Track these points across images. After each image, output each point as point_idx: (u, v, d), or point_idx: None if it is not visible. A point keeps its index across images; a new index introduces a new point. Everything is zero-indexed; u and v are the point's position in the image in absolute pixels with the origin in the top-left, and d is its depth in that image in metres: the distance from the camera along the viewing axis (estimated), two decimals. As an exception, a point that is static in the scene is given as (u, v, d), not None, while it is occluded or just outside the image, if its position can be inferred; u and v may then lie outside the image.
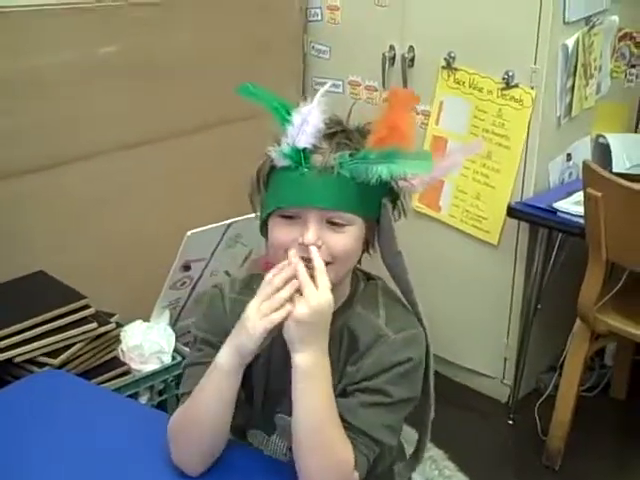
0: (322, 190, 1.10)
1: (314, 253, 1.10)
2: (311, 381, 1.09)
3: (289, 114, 1.12)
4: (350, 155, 1.10)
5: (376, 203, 1.15)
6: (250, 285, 1.23)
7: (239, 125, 2.43)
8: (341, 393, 1.16)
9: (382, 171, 1.09)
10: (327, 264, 1.11)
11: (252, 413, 1.25)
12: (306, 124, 1.10)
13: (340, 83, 2.72)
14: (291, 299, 1.09)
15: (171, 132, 2.39)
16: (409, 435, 1.39)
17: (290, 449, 1.25)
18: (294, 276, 1.09)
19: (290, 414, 1.21)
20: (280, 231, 1.13)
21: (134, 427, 1.28)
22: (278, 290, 1.09)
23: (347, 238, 1.12)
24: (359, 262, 1.21)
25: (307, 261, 1.10)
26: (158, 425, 1.20)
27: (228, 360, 1.12)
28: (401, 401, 1.16)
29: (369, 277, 1.26)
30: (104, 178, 2.27)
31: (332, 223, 1.11)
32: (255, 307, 1.10)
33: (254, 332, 1.09)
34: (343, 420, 1.13)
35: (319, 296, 1.08)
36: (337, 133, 1.12)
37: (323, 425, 1.10)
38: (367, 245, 1.18)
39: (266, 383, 1.23)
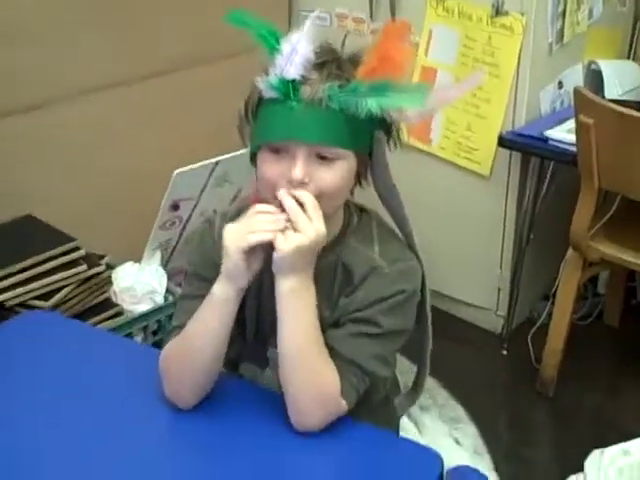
0: (310, 124, 1.07)
1: (301, 194, 1.07)
2: (294, 303, 1.10)
3: (278, 43, 1.08)
4: (340, 87, 1.06)
5: (368, 136, 1.12)
6: (243, 213, 1.22)
7: (225, 62, 2.38)
8: (334, 325, 1.16)
9: (372, 105, 1.06)
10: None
11: (244, 347, 1.25)
12: (295, 53, 1.06)
13: (327, 16, 2.65)
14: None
15: (155, 70, 2.33)
16: (405, 367, 1.39)
17: None
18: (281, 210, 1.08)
19: None
20: (268, 167, 1.10)
21: (127, 364, 1.28)
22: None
23: (336, 173, 1.10)
24: (351, 193, 1.19)
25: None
26: (152, 361, 1.19)
27: (221, 288, 1.11)
28: (392, 332, 1.16)
29: (362, 209, 1.24)
30: (89, 119, 2.23)
31: (321, 157, 1.09)
32: (233, 229, 1.09)
33: (232, 254, 1.08)
34: (331, 349, 1.13)
35: (315, 226, 1.07)
36: (327, 63, 1.09)
37: (305, 347, 1.11)
38: (359, 178, 1.16)
39: (257, 317, 1.23)
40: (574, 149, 2.07)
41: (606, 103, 1.95)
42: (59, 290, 1.89)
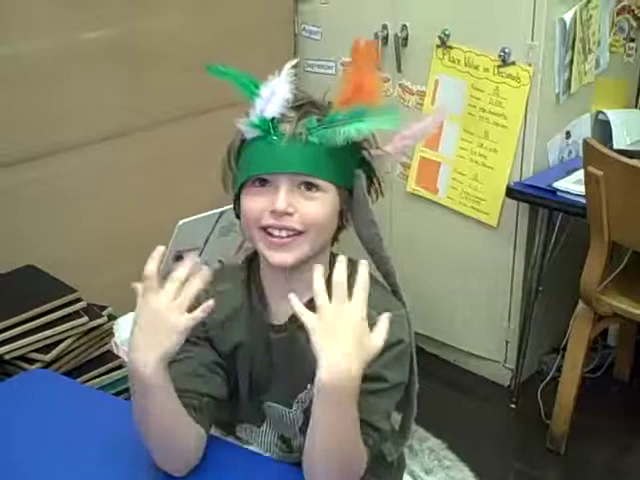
0: (292, 155, 1.09)
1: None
2: (329, 400, 1.01)
3: (257, 88, 1.11)
4: (318, 120, 1.09)
5: (348, 171, 1.13)
6: (224, 273, 1.22)
7: (226, 112, 2.36)
8: None
9: (349, 131, 1.08)
10: (300, 233, 1.09)
11: (239, 406, 1.22)
12: (274, 95, 1.09)
13: (332, 64, 2.66)
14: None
15: (158, 120, 2.34)
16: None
17: (281, 438, 1.23)
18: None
19: (277, 401, 1.19)
20: (251, 200, 1.11)
21: (120, 426, 1.23)
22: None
23: (320, 205, 1.10)
24: (336, 239, 1.18)
25: (280, 229, 1.08)
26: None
27: (156, 374, 1.03)
28: (396, 385, 1.14)
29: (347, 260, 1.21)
30: (91, 169, 2.23)
31: (306, 188, 1.09)
32: (165, 305, 1.05)
33: (178, 331, 1.03)
34: None
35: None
36: (305, 104, 1.11)
37: (344, 447, 1.05)
38: (342, 219, 1.16)
39: (250, 373, 1.20)
40: (583, 201, 2.04)
41: (615, 155, 1.93)
42: (59, 343, 1.86)
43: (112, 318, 2.04)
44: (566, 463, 2.22)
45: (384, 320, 1.02)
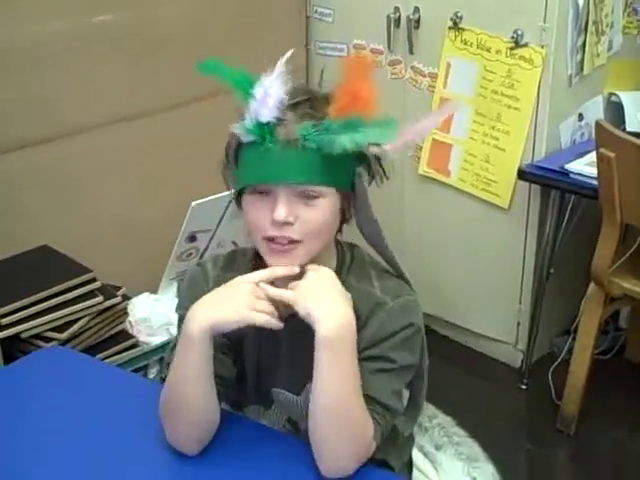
0: (289, 164, 1.07)
1: None
2: (336, 352, 1.06)
3: (251, 87, 1.09)
4: (314, 126, 1.07)
5: (348, 172, 1.12)
6: (234, 261, 1.22)
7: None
8: None
9: (345, 142, 1.06)
10: (297, 242, 1.09)
11: (246, 389, 1.24)
12: (268, 96, 1.07)
13: (344, 47, 2.66)
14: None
15: (171, 102, 2.35)
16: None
17: (289, 420, 1.25)
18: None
19: (285, 387, 1.21)
20: (252, 210, 1.10)
21: (137, 403, 1.26)
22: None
23: (320, 212, 1.10)
24: (340, 231, 1.18)
25: (280, 240, 1.08)
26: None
27: (200, 331, 1.07)
28: (405, 367, 1.15)
29: (352, 246, 1.23)
30: (105, 152, 2.25)
31: (304, 196, 1.09)
32: (252, 291, 1.08)
33: (243, 318, 1.06)
34: None
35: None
36: (301, 103, 1.09)
37: (347, 397, 1.08)
38: (344, 214, 1.15)
39: (258, 359, 1.22)
40: (595, 182, 2.04)
41: (628, 137, 1.93)
42: (75, 322, 1.89)
43: (126, 298, 2.07)
44: (576, 444, 2.24)
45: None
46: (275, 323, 1.07)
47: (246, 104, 1.09)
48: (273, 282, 1.12)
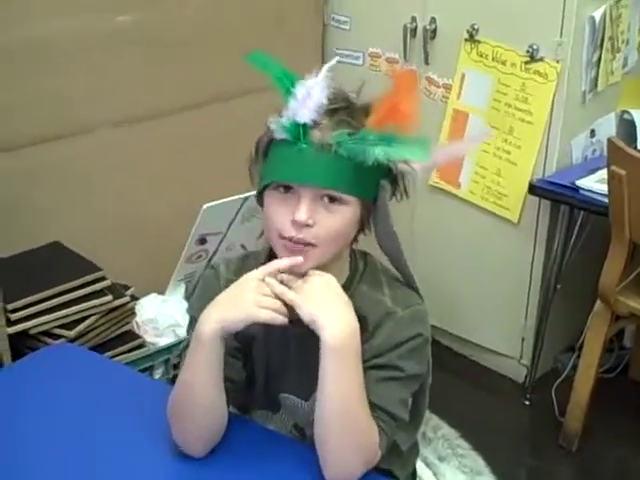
0: (318, 168, 1.08)
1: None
2: (343, 360, 1.07)
3: (293, 86, 1.09)
4: (349, 134, 1.08)
5: (373, 184, 1.13)
6: (246, 265, 1.22)
7: (254, 97, 2.38)
8: None
9: (379, 154, 1.07)
10: (312, 245, 1.09)
11: (254, 394, 1.24)
12: (309, 98, 1.07)
13: (360, 55, 2.67)
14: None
15: (186, 104, 2.36)
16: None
17: (295, 426, 1.25)
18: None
19: (293, 393, 1.21)
20: (274, 208, 1.11)
21: (143, 402, 1.26)
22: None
23: (340, 219, 1.10)
24: (356, 240, 1.19)
25: (297, 241, 1.08)
26: (167, 401, 1.17)
27: (211, 333, 1.08)
28: (412, 376, 1.16)
29: (364, 254, 1.24)
30: (118, 151, 2.25)
31: (328, 201, 1.09)
32: (257, 287, 1.08)
33: (248, 315, 1.07)
34: None
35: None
36: (339, 110, 1.10)
37: (353, 405, 1.08)
38: (362, 225, 1.16)
39: (266, 363, 1.22)
40: (605, 200, 2.04)
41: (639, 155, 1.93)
42: (83, 320, 1.90)
43: (134, 298, 2.08)
44: (578, 460, 2.23)
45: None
46: (281, 319, 1.06)
47: (285, 102, 1.09)
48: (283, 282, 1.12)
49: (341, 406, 1.07)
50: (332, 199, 1.09)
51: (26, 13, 2.01)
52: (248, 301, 1.07)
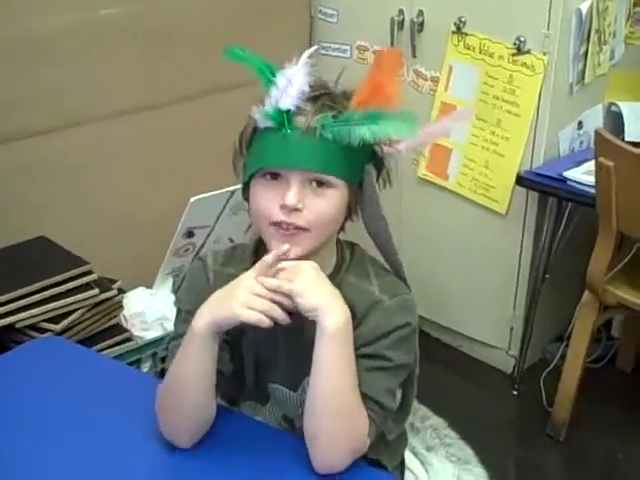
0: (304, 151, 1.09)
1: None
2: (338, 344, 1.08)
3: (274, 76, 1.10)
4: (333, 117, 1.09)
5: (360, 168, 1.13)
6: (233, 257, 1.22)
7: (242, 91, 2.36)
8: None
9: (364, 133, 1.08)
10: (304, 230, 1.10)
11: (244, 385, 1.24)
12: (290, 86, 1.08)
13: (348, 48, 2.67)
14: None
15: (173, 98, 2.36)
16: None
17: (284, 418, 1.25)
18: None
19: (282, 383, 1.21)
20: (262, 194, 1.11)
21: (130, 395, 1.26)
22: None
23: (329, 202, 1.11)
24: (342, 229, 1.19)
25: (287, 226, 1.08)
26: (155, 393, 1.17)
27: (204, 327, 1.08)
28: (400, 366, 1.16)
29: (351, 244, 1.24)
30: (106, 144, 2.25)
31: (316, 185, 1.10)
32: (249, 287, 1.07)
33: (235, 315, 1.06)
34: None
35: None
36: (321, 96, 1.11)
37: (344, 389, 1.09)
38: (350, 211, 1.16)
39: (256, 354, 1.22)
40: (592, 191, 2.05)
41: (627, 147, 1.93)
42: (70, 314, 1.89)
43: (121, 292, 2.07)
44: (565, 450, 2.25)
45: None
46: (267, 322, 1.06)
47: (267, 91, 1.10)
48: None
49: (335, 393, 1.08)
50: (320, 183, 1.10)
51: (22, 8, 2.00)
52: (237, 301, 1.06)
